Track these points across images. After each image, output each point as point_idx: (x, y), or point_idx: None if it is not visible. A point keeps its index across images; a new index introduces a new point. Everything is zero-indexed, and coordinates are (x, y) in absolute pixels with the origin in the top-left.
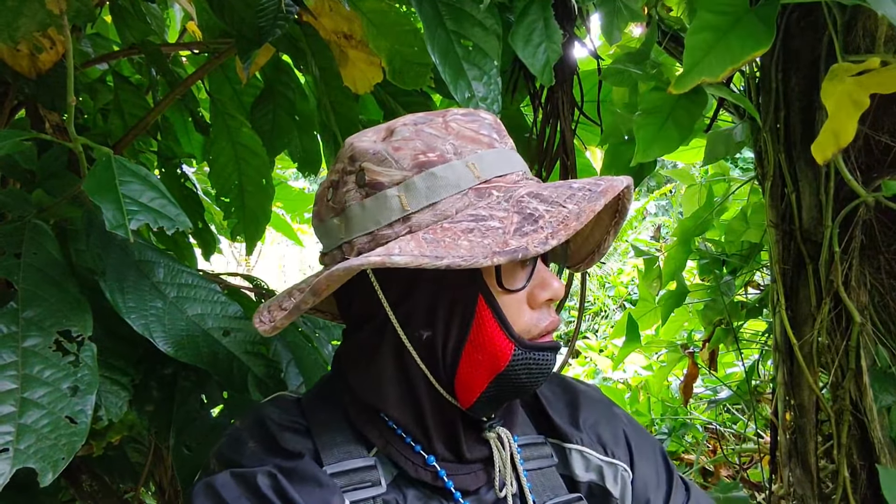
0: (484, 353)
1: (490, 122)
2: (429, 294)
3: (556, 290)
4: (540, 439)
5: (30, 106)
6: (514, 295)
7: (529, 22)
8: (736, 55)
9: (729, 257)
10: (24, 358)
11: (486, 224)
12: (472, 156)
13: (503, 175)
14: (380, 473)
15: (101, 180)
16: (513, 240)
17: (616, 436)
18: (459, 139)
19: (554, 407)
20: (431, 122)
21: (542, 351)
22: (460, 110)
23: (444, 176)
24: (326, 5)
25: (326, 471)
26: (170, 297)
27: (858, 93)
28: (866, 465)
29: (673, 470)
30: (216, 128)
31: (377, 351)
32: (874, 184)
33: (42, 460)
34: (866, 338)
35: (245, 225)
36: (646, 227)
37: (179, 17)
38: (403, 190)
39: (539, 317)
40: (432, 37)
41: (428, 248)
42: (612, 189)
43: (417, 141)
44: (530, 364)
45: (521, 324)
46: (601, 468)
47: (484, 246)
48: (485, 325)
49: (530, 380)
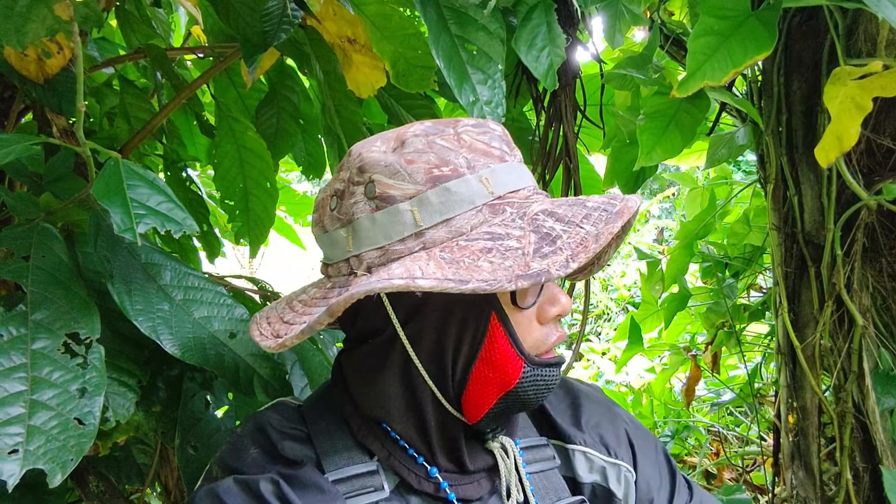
0: (495, 371)
1: (500, 134)
2: (440, 312)
3: (564, 306)
4: (542, 441)
5: (37, 110)
6: (525, 312)
7: (533, 26)
8: (738, 59)
9: (731, 260)
10: (33, 360)
11: (504, 244)
12: (484, 170)
13: (516, 191)
14: (382, 479)
15: (109, 184)
16: (534, 262)
17: (618, 436)
18: (472, 152)
19: (556, 409)
20: (443, 134)
21: (550, 367)
22: (470, 121)
23: (458, 191)
24: (330, 9)
25: (329, 478)
26: (176, 299)
27: (861, 96)
28: (869, 468)
29: (675, 469)
30: (221, 131)
31: (383, 366)
32: (876, 187)
33: (51, 461)
34: (868, 340)
35: (249, 228)
36: (648, 229)
37: (184, 21)
38: (417, 204)
39: (548, 332)
40: (437, 41)
41: (449, 269)
42: (627, 210)
43: (430, 154)
44: (538, 380)
45: (531, 340)
46: (604, 469)
47: (506, 269)
48: (496, 342)
49: (537, 395)
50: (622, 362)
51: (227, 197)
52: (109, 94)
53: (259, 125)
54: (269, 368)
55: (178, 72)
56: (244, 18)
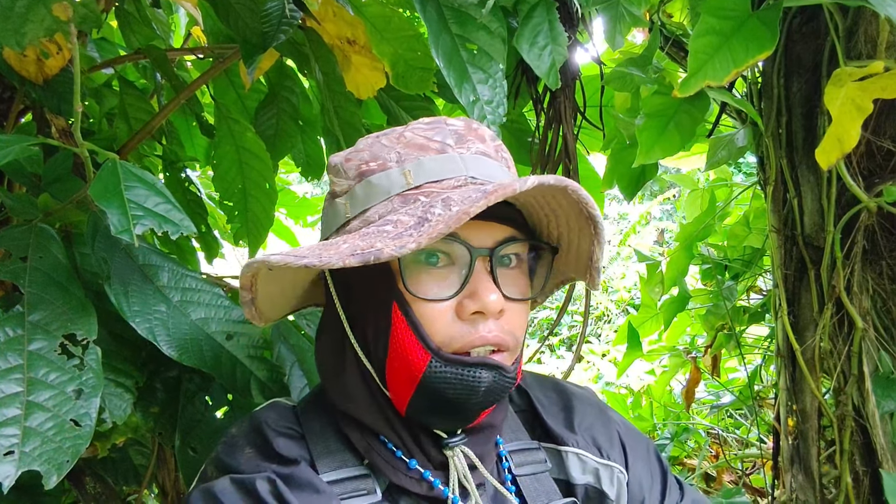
0: (400, 361)
1: (455, 129)
2: (362, 298)
3: (485, 304)
4: (533, 445)
5: (36, 110)
6: (436, 304)
7: (534, 24)
8: (739, 58)
9: (731, 262)
10: (29, 361)
11: (382, 229)
12: (411, 163)
13: (439, 181)
14: (374, 482)
15: (106, 185)
16: (380, 243)
17: (611, 438)
18: (406, 147)
19: (548, 411)
20: (390, 134)
21: (464, 366)
22: (428, 120)
23: (378, 184)
24: (330, 11)
25: (323, 478)
26: (174, 300)
27: (861, 97)
28: (869, 471)
29: (667, 470)
30: (220, 132)
31: (339, 354)
32: (876, 189)
33: (46, 463)
34: (868, 343)
35: (248, 229)
36: (649, 231)
37: (184, 21)
38: (348, 198)
39: (465, 330)
40: (437, 41)
41: (316, 250)
42: (500, 190)
43: (366, 152)
44: (451, 378)
45: (444, 335)
46: (597, 470)
47: (352, 248)
48: (398, 332)
49: (456, 395)
50: (622, 369)
51: (226, 198)
52: (109, 94)
53: (258, 126)
54: (266, 370)
55: (178, 73)
56: (243, 19)
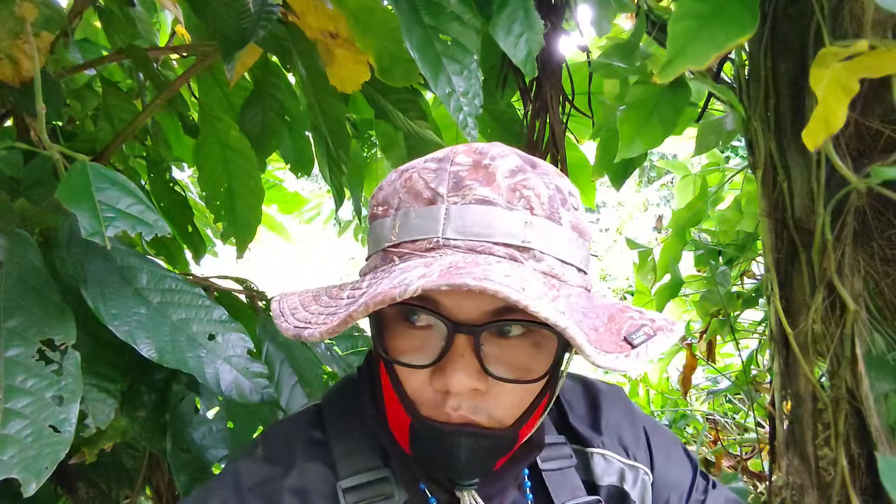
0: (392, 413)
1: (456, 172)
2: None
3: (448, 385)
4: (560, 439)
5: (17, 114)
6: (417, 370)
7: (510, 12)
8: (720, 42)
9: (724, 247)
10: (6, 368)
11: (342, 294)
12: (402, 213)
13: (414, 241)
14: (393, 486)
15: (74, 187)
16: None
17: (637, 438)
18: (407, 193)
19: (575, 412)
20: (404, 172)
21: (440, 431)
22: (441, 155)
23: (375, 233)
24: (311, 4)
25: (342, 485)
26: (153, 302)
27: (847, 77)
28: (864, 453)
29: (696, 468)
30: (204, 131)
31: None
32: (865, 170)
33: (25, 470)
34: (861, 325)
35: (236, 228)
36: (647, 217)
37: (170, 19)
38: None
39: (437, 401)
40: (410, 32)
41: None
42: (381, 296)
43: (382, 192)
44: (432, 440)
45: (425, 398)
46: (623, 471)
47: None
48: (386, 386)
49: (443, 456)
50: None
51: (213, 197)
52: (91, 95)
53: (245, 123)
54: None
55: (163, 72)
56: (221, 15)
